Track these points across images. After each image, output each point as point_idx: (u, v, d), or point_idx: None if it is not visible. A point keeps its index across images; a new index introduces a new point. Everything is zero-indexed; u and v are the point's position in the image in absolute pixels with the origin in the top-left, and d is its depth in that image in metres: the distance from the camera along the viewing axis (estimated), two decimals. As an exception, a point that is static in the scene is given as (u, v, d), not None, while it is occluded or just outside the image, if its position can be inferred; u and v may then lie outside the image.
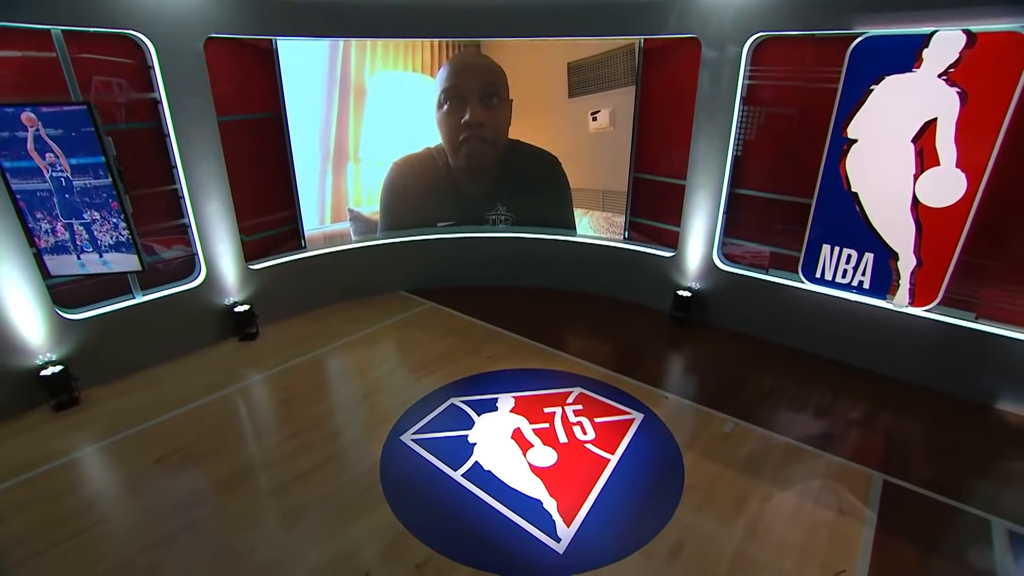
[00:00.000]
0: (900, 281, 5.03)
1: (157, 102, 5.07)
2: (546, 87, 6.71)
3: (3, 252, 4.39)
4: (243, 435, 4.59)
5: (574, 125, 6.77)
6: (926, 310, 5.00)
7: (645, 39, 6.08)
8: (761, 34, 5.21)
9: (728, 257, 6.16)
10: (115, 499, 3.94)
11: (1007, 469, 4.22)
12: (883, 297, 5.17)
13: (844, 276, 5.33)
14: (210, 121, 5.35)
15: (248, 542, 3.49)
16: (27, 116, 4.17)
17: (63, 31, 4.45)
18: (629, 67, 6.27)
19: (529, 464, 4.16)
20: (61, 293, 4.89)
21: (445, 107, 6.76)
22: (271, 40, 5.75)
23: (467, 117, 6.77)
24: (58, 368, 4.69)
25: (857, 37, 4.71)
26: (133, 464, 4.21)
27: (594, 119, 6.65)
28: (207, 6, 5.08)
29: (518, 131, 6.97)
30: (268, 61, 5.82)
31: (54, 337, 4.78)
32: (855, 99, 4.85)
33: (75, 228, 4.54)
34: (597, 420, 4.70)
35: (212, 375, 5.35)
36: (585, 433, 4.53)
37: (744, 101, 5.54)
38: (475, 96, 6.74)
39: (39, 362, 4.70)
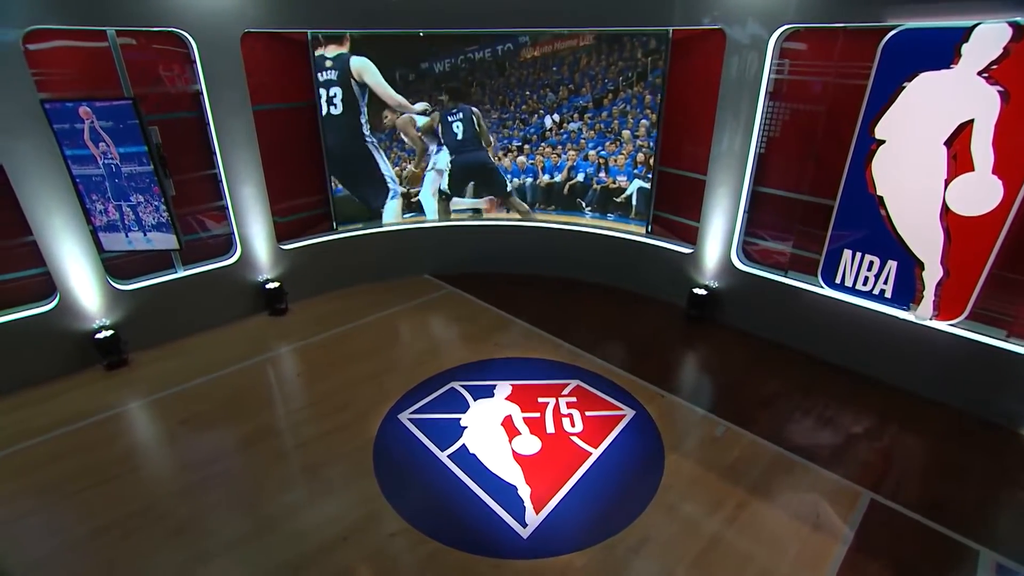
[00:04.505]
0: (924, 292, 4.74)
1: (199, 93, 5.52)
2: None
3: (67, 229, 5.02)
4: (262, 403, 5.03)
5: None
6: (951, 324, 4.71)
7: (673, 30, 5.91)
8: (789, 26, 4.95)
9: (747, 255, 5.99)
10: (146, 451, 4.51)
11: (1013, 497, 3.98)
12: (905, 308, 4.90)
13: (865, 283, 5.08)
14: (245, 111, 5.75)
15: (250, 500, 3.92)
16: (84, 110, 4.69)
17: (116, 31, 4.93)
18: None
19: (512, 451, 4.34)
20: (113, 266, 5.50)
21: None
22: (306, 33, 6.05)
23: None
24: (110, 332, 5.33)
25: (890, 30, 4.40)
26: (165, 422, 4.77)
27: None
28: (245, 2, 5.42)
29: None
30: (303, 53, 6.14)
31: (107, 304, 5.41)
32: (885, 97, 4.55)
33: (124, 209, 5.09)
34: (588, 413, 4.80)
35: (242, 346, 5.87)
36: (574, 425, 4.65)
37: (770, 96, 5.31)
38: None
39: (95, 326, 5.35)
